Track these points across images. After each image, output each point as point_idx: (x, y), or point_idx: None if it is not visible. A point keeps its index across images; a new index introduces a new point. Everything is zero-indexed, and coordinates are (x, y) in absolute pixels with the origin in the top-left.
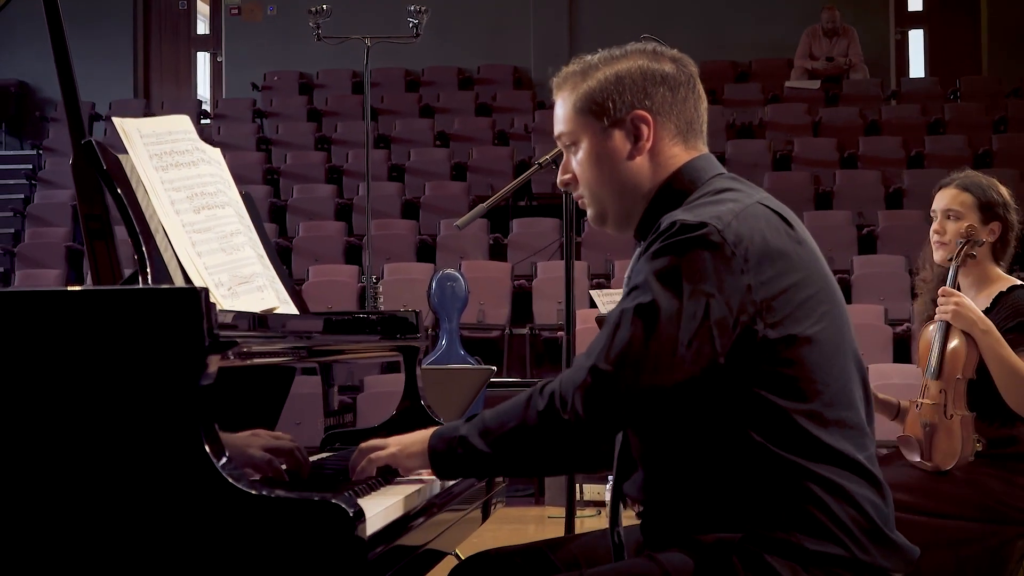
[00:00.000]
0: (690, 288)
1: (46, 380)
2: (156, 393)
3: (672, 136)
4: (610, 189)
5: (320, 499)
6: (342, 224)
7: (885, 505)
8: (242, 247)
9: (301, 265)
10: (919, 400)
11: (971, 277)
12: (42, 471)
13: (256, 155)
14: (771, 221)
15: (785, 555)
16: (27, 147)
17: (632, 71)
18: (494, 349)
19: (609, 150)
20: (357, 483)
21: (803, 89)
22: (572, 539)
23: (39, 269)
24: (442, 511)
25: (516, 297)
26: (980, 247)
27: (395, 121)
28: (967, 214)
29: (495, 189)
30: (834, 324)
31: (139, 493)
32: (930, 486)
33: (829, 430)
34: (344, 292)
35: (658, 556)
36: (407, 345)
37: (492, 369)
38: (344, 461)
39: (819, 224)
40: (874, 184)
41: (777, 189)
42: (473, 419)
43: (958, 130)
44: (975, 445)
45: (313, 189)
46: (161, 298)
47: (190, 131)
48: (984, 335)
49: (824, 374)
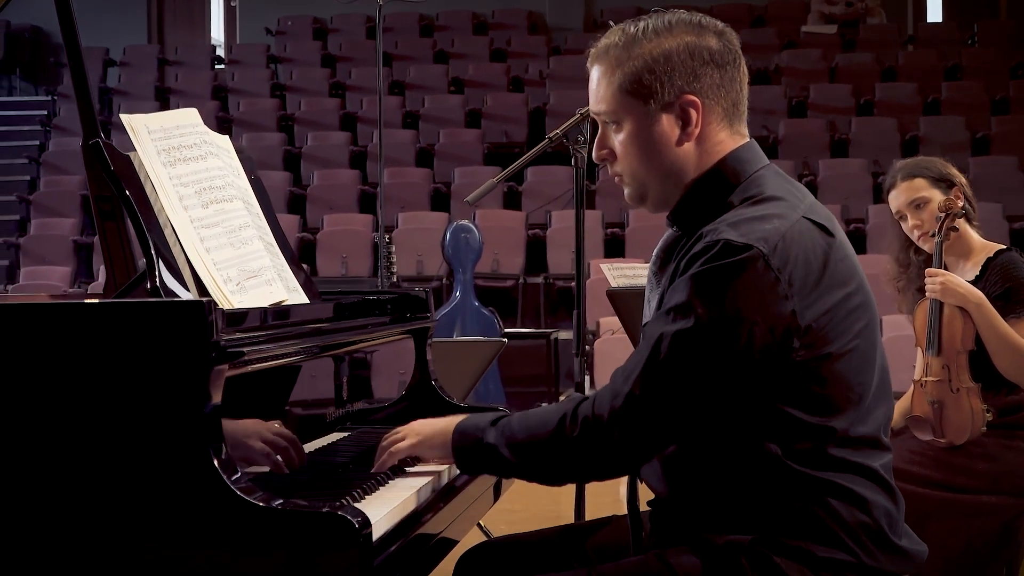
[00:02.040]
0: (734, 314)
1: (53, 394)
2: (163, 407)
3: (719, 120)
4: (655, 174)
5: (327, 511)
6: (356, 172)
7: (897, 511)
8: (251, 240)
9: (316, 214)
10: (923, 379)
11: (954, 250)
12: (51, 486)
13: (270, 102)
14: (815, 239)
15: (794, 558)
16: (41, 93)
17: (680, 49)
18: (508, 299)
19: (656, 135)
20: (367, 479)
21: (819, 34)
22: (581, 528)
23: (54, 218)
24: (453, 500)
25: (530, 246)
26: (960, 218)
27: (409, 67)
28: (932, 194)
29: (509, 136)
30: (868, 340)
31: (148, 504)
32: (944, 458)
33: (846, 443)
34: (359, 242)
35: (667, 555)
36: (418, 328)
37: (503, 341)
38: (355, 445)
39: (834, 172)
40: (890, 131)
41: (792, 136)
42: (500, 422)
43: (975, 76)
44: (985, 415)
45: (327, 136)
46: (165, 312)
47: (198, 124)
48: (977, 308)
49: (848, 390)
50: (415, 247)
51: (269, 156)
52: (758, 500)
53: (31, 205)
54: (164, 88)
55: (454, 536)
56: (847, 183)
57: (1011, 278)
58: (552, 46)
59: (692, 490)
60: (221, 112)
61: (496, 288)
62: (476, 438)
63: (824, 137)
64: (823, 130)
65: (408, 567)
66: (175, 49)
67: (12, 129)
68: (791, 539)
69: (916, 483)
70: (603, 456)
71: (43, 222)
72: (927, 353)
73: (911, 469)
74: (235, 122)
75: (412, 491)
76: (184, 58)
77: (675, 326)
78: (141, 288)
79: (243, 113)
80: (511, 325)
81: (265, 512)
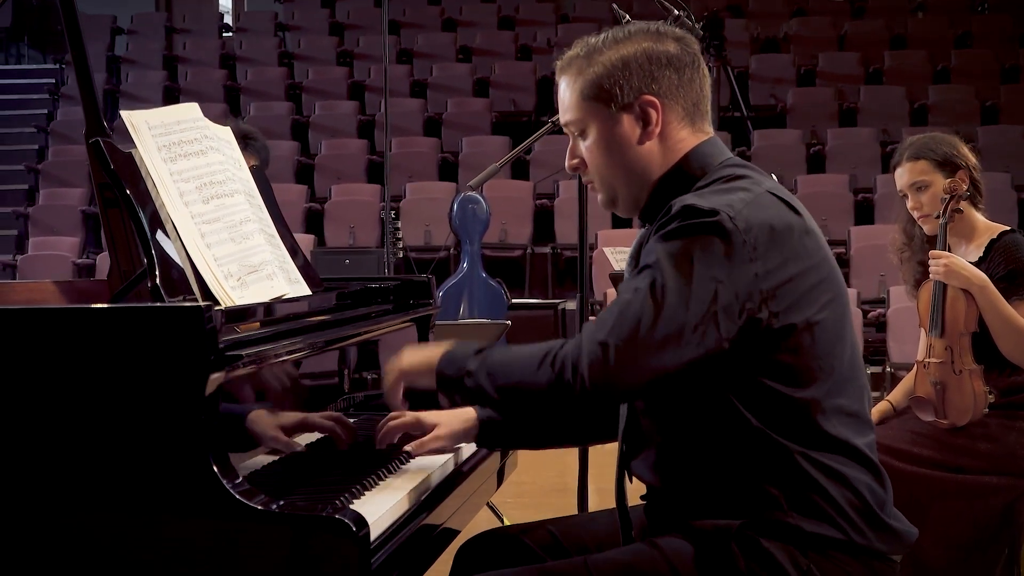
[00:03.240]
0: (700, 273)
1: (53, 401)
2: (161, 412)
3: (680, 119)
4: (621, 174)
5: (326, 515)
6: (364, 142)
7: (883, 491)
8: (252, 235)
9: (323, 183)
10: (926, 360)
11: (958, 231)
12: (50, 492)
13: (278, 70)
14: (780, 211)
15: (783, 539)
16: (49, 61)
17: (638, 54)
18: (516, 268)
19: (618, 136)
20: (368, 474)
21: (828, 1)
22: (580, 520)
23: (63, 188)
24: (456, 490)
25: (538, 216)
26: (965, 200)
27: (417, 35)
28: (933, 178)
29: (517, 105)
30: (836, 312)
31: (149, 508)
32: (946, 439)
33: (828, 417)
34: (366, 212)
35: (659, 542)
36: (420, 316)
37: (507, 324)
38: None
39: (843, 142)
40: (899, 100)
41: (801, 105)
42: (481, 353)
43: (985, 43)
44: (987, 397)
45: (335, 106)
46: (162, 318)
47: (199, 119)
48: (981, 291)
49: (824, 362)
50: (423, 217)
51: (277, 125)
52: (744, 475)
53: (39, 175)
54: (172, 56)
55: (456, 526)
56: (855, 152)
57: (1015, 260)
58: (560, 14)
59: (682, 476)
60: (229, 81)
61: (504, 258)
62: (459, 365)
63: (832, 106)
64: (831, 99)
65: (409, 561)
66: (183, 16)
67: (20, 98)
68: (779, 513)
69: (918, 464)
70: (575, 397)
71: (51, 192)
72: (930, 334)
73: (913, 450)
74: (243, 91)
75: (414, 484)
76: (192, 26)
77: (646, 281)
78: (143, 286)
79: (251, 82)
80: (519, 295)
81: (264, 515)
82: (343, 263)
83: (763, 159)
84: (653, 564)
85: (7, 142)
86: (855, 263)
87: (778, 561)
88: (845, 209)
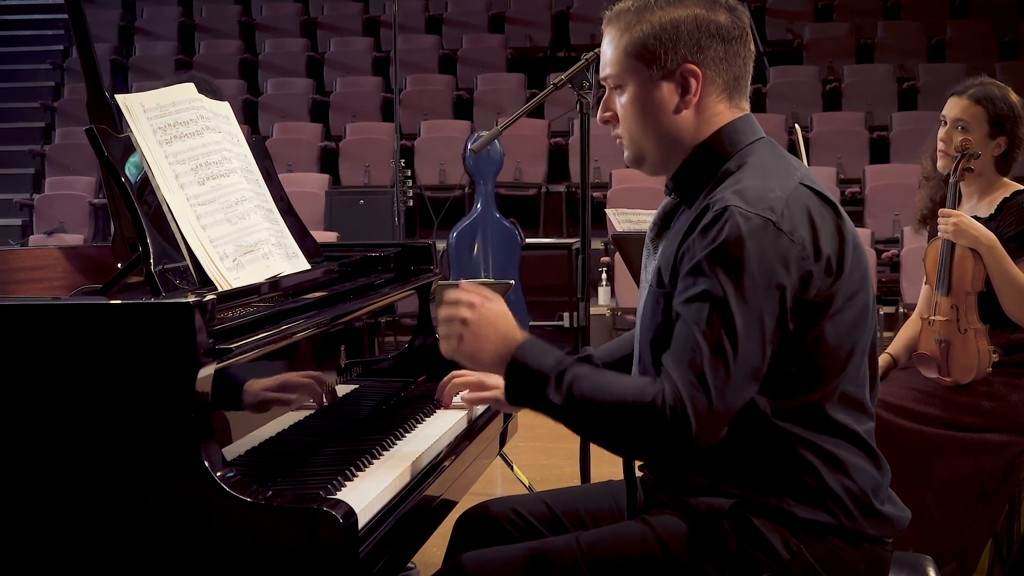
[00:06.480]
0: (761, 281)
1: (45, 394)
2: (152, 405)
3: (719, 92)
4: (652, 138)
5: (315, 507)
6: (379, 79)
7: (882, 478)
8: (248, 214)
9: (339, 122)
10: (932, 317)
11: (973, 187)
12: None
13: (294, 6)
14: (814, 206)
15: (775, 520)
16: None
17: (688, 20)
18: (531, 207)
19: (656, 100)
20: (363, 452)
21: None
22: (576, 492)
23: (79, 126)
24: (455, 460)
25: (552, 154)
26: (977, 159)
27: None
28: (976, 127)
29: (533, 41)
30: (860, 301)
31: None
32: (949, 397)
33: (831, 402)
34: (381, 150)
35: (651, 519)
36: (421, 284)
37: (511, 283)
38: (355, 403)
39: (859, 78)
40: (916, 35)
41: (817, 41)
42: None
43: None
44: (991, 356)
45: (350, 42)
46: (151, 313)
47: (195, 99)
48: (988, 250)
49: (838, 348)
50: (437, 156)
51: (291, 63)
52: (743, 457)
53: (55, 113)
54: None
55: (453, 497)
56: (872, 89)
57: None
58: None
59: None
60: (244, 17)
61: (518, 197)
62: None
63: (850, 42)
64: (849, 34)
65: (402, 539)
66: None
67: (34, 34)
68: (773, 498)
69: (921, 422)
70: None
71: (67, 131)
72: (936, 292)
73: (916, 407)
74: (258, 27)
75: (408, 463)
76: None
77: (713, 313)
78: (137, 271)
79: (265, 18)
80: (533, 235)
81: (253, 508)
82: (357, 203)
83: (779, 96)
84: (644, 541)
85: (22, 78)
86: (869, 202)
87: (769, 541)
88: (860, 147)
